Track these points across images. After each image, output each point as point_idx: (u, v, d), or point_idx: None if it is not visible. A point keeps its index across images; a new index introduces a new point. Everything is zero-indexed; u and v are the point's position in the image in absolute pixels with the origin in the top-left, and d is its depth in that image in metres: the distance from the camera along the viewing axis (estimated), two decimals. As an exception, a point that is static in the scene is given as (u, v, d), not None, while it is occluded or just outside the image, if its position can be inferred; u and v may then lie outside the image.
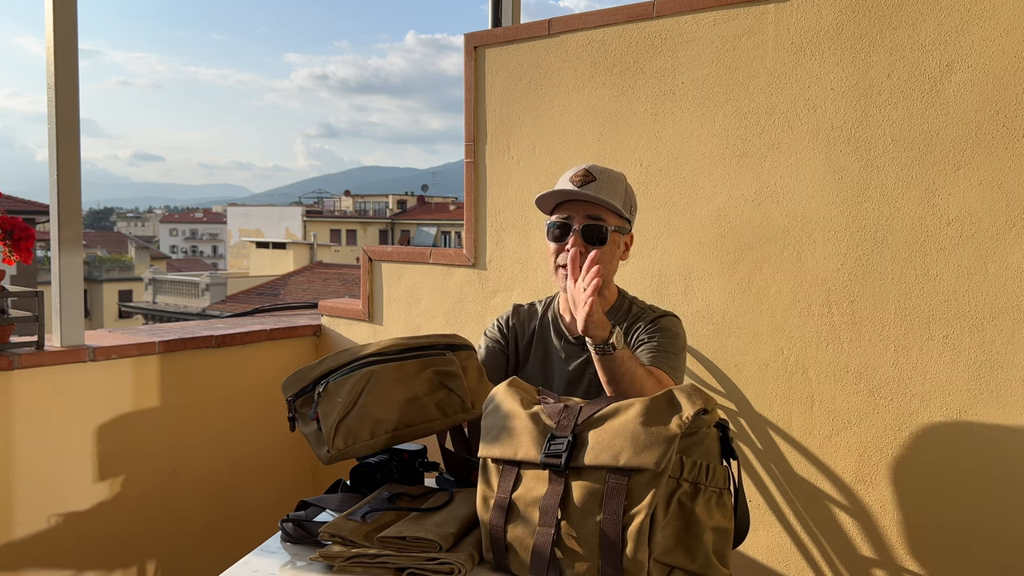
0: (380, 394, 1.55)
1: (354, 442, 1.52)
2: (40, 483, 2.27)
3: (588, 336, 1.47)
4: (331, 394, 1.53)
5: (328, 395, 1.53)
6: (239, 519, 2.75)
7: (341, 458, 1.53)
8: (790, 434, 1.96)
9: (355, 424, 1.52)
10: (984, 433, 1.71)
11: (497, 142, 2.48)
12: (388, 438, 1.56)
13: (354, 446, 1.53)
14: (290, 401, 1.58)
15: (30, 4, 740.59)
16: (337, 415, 1.51)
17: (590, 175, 1.68)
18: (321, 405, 1.53)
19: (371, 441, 1.54)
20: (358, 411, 1.53)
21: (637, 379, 1.50)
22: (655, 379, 1.54)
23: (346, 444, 1.52)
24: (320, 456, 1.53)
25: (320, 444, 1.53)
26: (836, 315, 1.88)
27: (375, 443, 1.55)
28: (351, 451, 1.53)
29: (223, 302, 20.14)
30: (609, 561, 1.19)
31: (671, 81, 2.11)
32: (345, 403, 1.52)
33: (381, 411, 1.55)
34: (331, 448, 1.51)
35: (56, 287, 2.32)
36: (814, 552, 1.93)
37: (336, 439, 1.51)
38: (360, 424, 1.53)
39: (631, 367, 1.50)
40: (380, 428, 1.54)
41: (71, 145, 2.30)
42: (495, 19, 2.86)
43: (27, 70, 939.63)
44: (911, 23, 1.77)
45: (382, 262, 2.80)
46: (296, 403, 1.58)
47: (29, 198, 15.87)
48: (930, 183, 1.75)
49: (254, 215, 35.82)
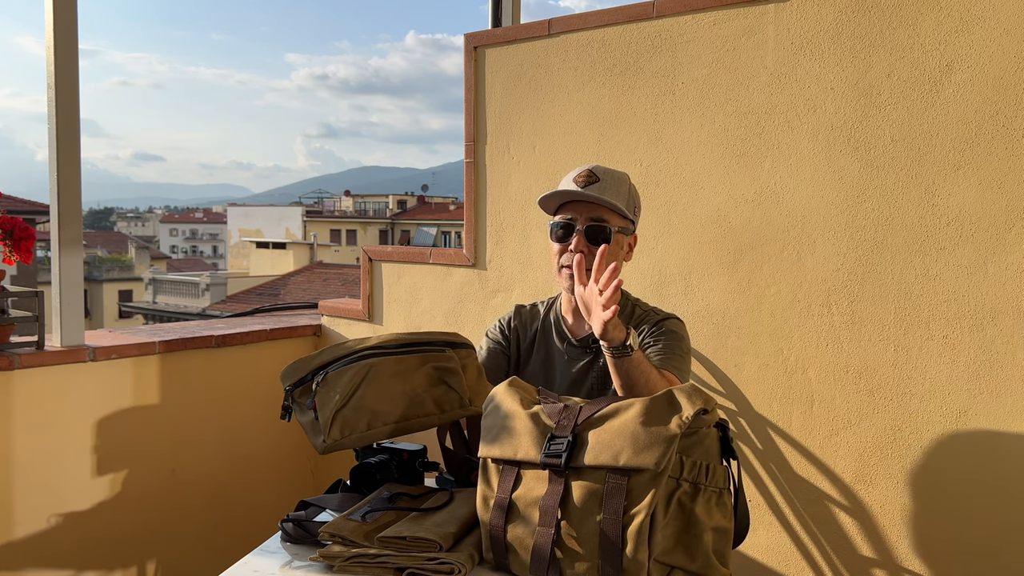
0: (378, 387, 1.55)
1: (350, 433, 1.53)
2: (40, 483, 2.27)
3: (605, 339, 1.46)
4: (329, 384, 1.54)
5: (326, 385, 1.54)
6: (239, 519, 2.75)
7: (336, 448, 1.54)
8: (790, 434, 1.96)
9: (352, 415, 1.53)
10: (984, 433, 1.71)
11: (497, 142, 2.48)
12: (384, 430, 1.56)
13: (350, 437, 1.53)
14: (288, 390, 1.59)
15: (30, 4, 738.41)
16: (334, 405, 1.52)
17: (593, 175, 1.68)
18: (319, 395, 1.54)
19: (367, 433, 1.54)
20: (356, 402, 1.53)
21: (651, 381, 1.49)
22: (667, 382, 1.54)
23: (342, 435, 1.52)
24: (316, 445, 1.54)
25: (316, 433, 1.54)
26: (836, 315, 1.88)
27: (371, 435, 1.55)
28: (347, 442, 1.54)
29: (223, 302, 20.14)
30: (609, 561, 1.19)
31: (671, 81, 2.11)
32: (343, 394, 1.53)
33: (379, 403, 1.55)
34: (327, 438, 1.52)
35: (56, 287, 2.32)
36: (814, 552, 1.93)
37: (332, 429, 1.52)
38: (357, 415, 1.53)
39: (646, 369, 1.49)
40: (377, 420, 1.55)
41: (71, 145, 2.30)
42: (495, 19, 2.86)
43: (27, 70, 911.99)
44: (911, 23, 1.77)
45: (382, 262, 2.80)
46: (294, 392, 1.58)
47: (29, 198, 15.87)
48: (930, 183, 1.75)
49: (254, 215, 35.83)
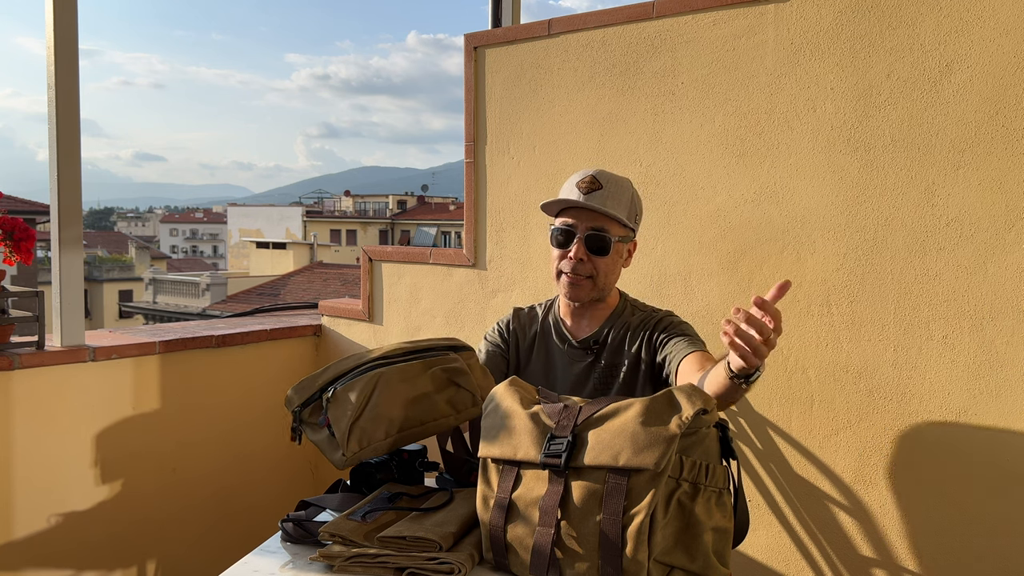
0: (390, 394, 1.54)
1: (368, 443, 1.51)
2: (40, 483, 2.28)
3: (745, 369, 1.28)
4: (340, 399, 1.52)
5: (337, 400, 1.52)
6: (239, 519, 2.75)
7: (356, 461, 1.52)
8: (790, 434, 1.96)
9: (368, 425, 1.51)
10: (983, 433, 1.71)
11: (497, 142, 2.48)
12: (401, 437, 1.55)
13: (369, 447, 1.51)
14: (296, 412, 1.56)
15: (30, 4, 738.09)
16: (350, 418, 1.50)
17: (596, 182, 1.67)
18: (331, 410, 1.52)
19: (385, 441, 1.53)
20: (370, 411, 1.52)
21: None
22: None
23: (360, 446, 1.50)
24: (335, 461, 1.51)
25: (334, 449, 1.52)
26: (836, 315, 1.88)
27: (389, 443, 1.53)
28: (366, 452, 1.52)
29: (223, 302, 20.14)
30: (609, 561, 1.19)
31: (671, 81, 2.11)
32: (356, 405, 1.50)
33: (393, 410, 1.54)
34: (346, 452, 1.49)
35: (56, 287, 2.33)
36: (814, 552, 1.93)
37: (351, 442, 1.50)
38: (374, 425, 1.51)
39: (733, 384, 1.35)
40: (393, 427, 1.53)
41: (71, 145, 2.30)
42: (495, 19, 2.86)
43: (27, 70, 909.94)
44: (911, 23, 1.77)
45: (382, 262, 2.80)
46: (302, 413, 1.56)
47: (29, 198, 15.87)
48: (930, 183, 1.76)
49: (254, 215, 35.83)
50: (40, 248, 8.66)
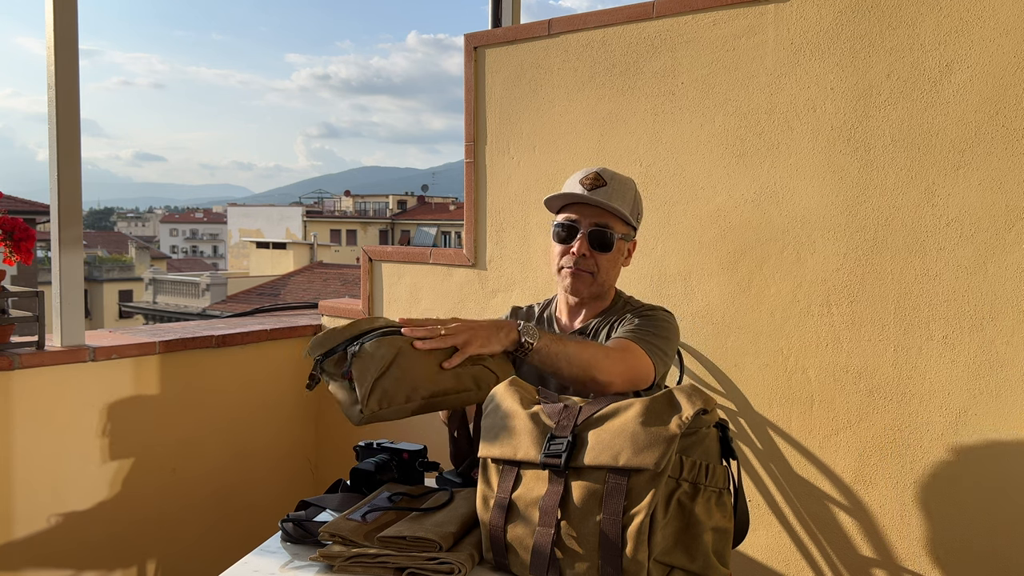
0: (417, 358, 1.50)
1: (388, 404, 1.48)
2: (40, 483, 2.28)
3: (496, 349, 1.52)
4: (366, 354, 1.48)
5: (363, 355, 1.48)
6: (239, 519, 2.75)
7: (374, 420, 1.49)
8: (790, 434, 1.96)
9: (391, 386, 1.48)
10: (983, 433, 1.71)
11: (497, 142, 2.48)
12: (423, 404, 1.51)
13: (388, 408, 1.48)
14: (318, 360, 1.53)
15: (30, 4, 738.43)
16: (373, 375, 1.46)
17: (600, 179, 1.67)
18: (356, 364, 1.48)
19: (406, 405, 1.49)
20: (395, 372, 1.48)
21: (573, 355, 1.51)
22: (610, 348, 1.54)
23: (380, 406, 1.47)
24: (351, 416, 1.49)
25: (352, 404, 1.49)
26: (836, 315, 1.88)
27: (409, 407, 1.50)
28: (385, 413, 1.49)
29: (223, 302, 20.14)
30: (609, 561, 1.19)
31: (671, 81, 2.11)
32: (382, 364, 1.47)
33: (418, 375, 1.50)
34: (365, 408, 1.46)
35: (56, 287, 2.33)
36: (814, 552, 1.93)
37: (371, 399, 1.46)
38: (397, 386, 1.48)
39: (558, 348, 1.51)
40: (416, 393, 1.50)
41: (71, 145, 2.30)
42: (495, 19, 2.86)
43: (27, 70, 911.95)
44: (911, 23, 1.77)
45: (382, 262, 2.80)
46: (324, 363, 1.53)
47: (29, 198, 15.86)
48: (930, 183, 1.76)
49: (254, 215, 35.84)
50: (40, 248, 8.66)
